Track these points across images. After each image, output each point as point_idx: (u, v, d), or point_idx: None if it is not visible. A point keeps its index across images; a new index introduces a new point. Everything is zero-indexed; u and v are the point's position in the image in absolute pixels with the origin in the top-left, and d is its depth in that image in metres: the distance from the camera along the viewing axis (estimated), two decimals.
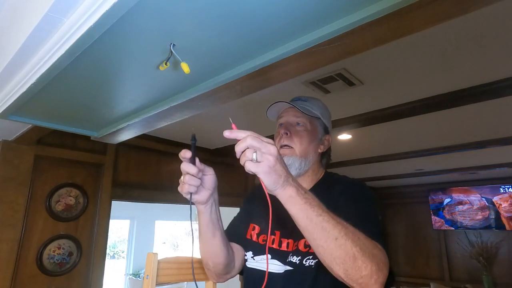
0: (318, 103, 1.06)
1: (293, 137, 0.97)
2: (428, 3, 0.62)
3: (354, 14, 0.68)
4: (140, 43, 0.77)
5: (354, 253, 0.63)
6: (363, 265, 0.63)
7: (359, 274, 0.63)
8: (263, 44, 0.81)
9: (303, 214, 0.64)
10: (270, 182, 0.63)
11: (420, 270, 5.30)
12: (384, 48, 1.33)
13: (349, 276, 0.64)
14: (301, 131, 0.99)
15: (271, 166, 0.62)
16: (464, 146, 2.84)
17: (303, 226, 0.65)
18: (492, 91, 1.73)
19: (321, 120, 1.03)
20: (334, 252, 0.64)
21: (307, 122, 1.00)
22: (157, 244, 7.38)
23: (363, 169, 4.04)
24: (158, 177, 2.78)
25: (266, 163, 0.61)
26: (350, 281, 0.64)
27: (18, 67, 0.91)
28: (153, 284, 1.06)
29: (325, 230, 0.63)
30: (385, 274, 0.65)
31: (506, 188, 4.68)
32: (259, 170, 0.62)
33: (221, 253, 0.91)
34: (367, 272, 0.63)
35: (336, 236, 0.63)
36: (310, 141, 0.98)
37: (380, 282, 0.64)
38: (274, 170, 0.62)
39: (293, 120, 1.00)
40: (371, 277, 0.63)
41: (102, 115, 1.28)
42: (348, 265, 0.63)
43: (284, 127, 0.99)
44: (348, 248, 0.63)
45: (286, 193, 0.64)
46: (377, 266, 0.64)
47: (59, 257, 2.14)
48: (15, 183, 2.05)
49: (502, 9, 1.14)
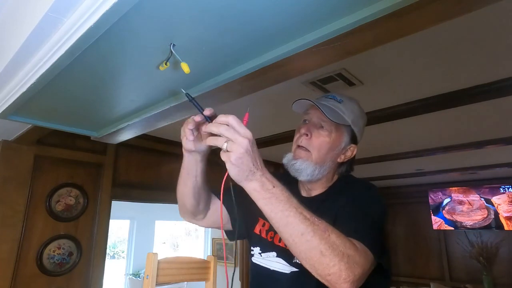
0: (353, 108, 0.94)
1: (313, 141, 0.90)
2: (428, 3, 0.62)
3: (354, 14, 0.68)
4: (140, 43, 0.77)
5: (321, 250, 0.62)
6: (331, 263, 0.62)
7: (327, 272, 0.62)
8: (263, 44, 0.81)
9: (268, 208, 0.66)
10: (234, 173, 0.64)
11: (420, 270, 5.30)
12: (384, 48, 1.33)
13: (317, 272, 0.64)
14: (323, 135, 0.90)
15: (238, 157, 0.63)
16: (464, 146, 2.84)
17: (269, 219, 0.66)
18: (492, 91, 1.73)
19: (350, 128, 0.92)
20: (299, 247, 0.64)
21: (333, 127, 0.91)
22: (157, 244, 7.37)
23: (363, 169, 4.04)
24: (158, 177, 2.78)
25: (235, 154, 0.63)
26: (319, 277, 0.64)
27: (18, 67, 0.91)
28: (153, 284, 1.06)
29: (291, 225, 0.64)
30: (357, 274, 0.63)
31: (506, 188, 4.68)
32: (226, 158, 0.64)
33: (187, 201, 0.93)
34: (335, 270, 0.62)
35: (302, 231, 0.63)
36: (330, 148, 0.91)
37: (350, 281, 0.62)
38: (241, 163, 0.63)
39: (317, 122, 0.92)
40: (340, 276, 0.62)
41: (102, 115, 1.28)
42: (314, 261, 0.63)
43: (306, 127, 0.92)
44: (315, 244, 0.63)
45: (251, 185, 0.66)
46: (347, 265, 0.63)
47: (59, 257, 2.14)
48: (15, 183, 2.05)
49: (502, 9, 1.14)
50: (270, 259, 0.93)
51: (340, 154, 0.93)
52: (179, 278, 1.17)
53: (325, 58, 0.85)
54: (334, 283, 0.62)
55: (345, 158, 0.95)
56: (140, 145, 2.68)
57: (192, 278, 1.24)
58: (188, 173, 0.88)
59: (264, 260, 0.95)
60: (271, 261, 0.92)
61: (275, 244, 0.93)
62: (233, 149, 0.63)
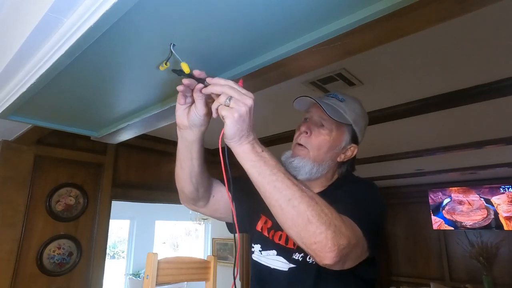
0: (355, 107, 0.94)
1: (312, 139, 0.90)
2: (428, 3, 0.62)
3: (354, 14, 0.68)
4: (140, 43, 0.77)
5: (308, 217, 0.61)
6: (318, 231, 0.60)
7: (313, 240, 0.60)
8: (263, 44, 0.81)
9: (255, 170, 0.65)
10: (232, 131, 0.64)
11: (420, 270, 5.30)
12: (384, 48, 1.33)
13: (303, 240, 0.62)
14: (323, 134, 0.90)
15: (241, 114, 0.63)
16: (464, 146, 2.84)
17: (256, 183, 0.66)
18: (492, 91, 1.73)
19: (351, 127, 0.92)
20: (286, 213, 0.62)
21: (334, 126, 0.90)
22: (157, 244, 7.38)
23: (363, 169, 4.04)
24: (158, 177, 2.78)
25: (237, 110, 0.63)
26: (305, 246, 0.62)
27: (18, 67, 0.91)
28: (153, 284, 1.06)
29: (278, 189, 0.63)
30: (342, 245, 0.61)
31: (506, 188, 4.68)
32: (228, 114, 0.63)
33: (185, 186, 0.91)
34: (321, 238, 0.60)
35: (289, 197, 0.62)
36: (330, 147, 0.90)
37: (335, 251, 0.60)
38: (242, 121, 0.64)
39: (318, 120, 0.92)
40: (326, 245, 0.60)
41: (102, 115, 1.28)
42: (300, 228, 0.61)
43: (306, 125, 0.92)
44: (302, 210, 0.61)
45: (241, 147, 0.66)
46: (334, 235, 0.60)
47: (59, 257, 2.14)
48: (15, 183, 2.05)
49: (502, 9, 1.14)
50: (270, 257, 0.93)
51: (340, 154, 0.93)
52: (179, 278, 1.17)
53: (325, 58, 0.85)
54: (319, 252, 0.61)
55: (345, 157, 0.94)
56: (140, 145, 2.68)
57: (192, 278, 1.24)
58: (184, 154, 0.86)
59: (264, 258, 0.95)
60: (272, 259, 0.92)
61: (275, 242, 0.93)
62: (236, 106, 0.63)
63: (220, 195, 1.00)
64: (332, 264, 0.61)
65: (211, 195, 0.99)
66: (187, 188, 0.92)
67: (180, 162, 0.88)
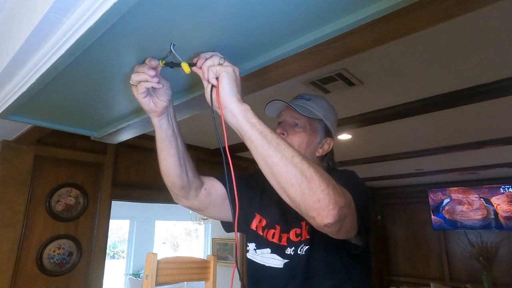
0: (323, 103, 1.01)
1: (290, 138, 0.94)
2: (428, 3, 0.62)
3: (354, 14, 0.68)
4: (140, 43, 0.77)
5: (311, 174, 0.60)
6: (320, 188, 0.59)
7: (317, 197, 0.59)
8: (263, 44, 0.81)
9: (256, 129, 0.65)
10: (229, 86, 0.66)
11: (420, 270, 5.30)
12: (384, 48, 1.33)
13: (306, 199, 0.59)
14: (298, 132, 0.95)
15: (234, 70, 0.67)
16: (464, 146, 2.85)
17: (257, 142, 0.64)
18: (492, 91, 1.73)
19: (323, 122, 0.99)
20: (290, 170, 0.60)
21: (307, 123, 0.96)
22: (157, 244, 7.38)
23: (363, 169, 4.04)
24: (158, 177, 2.73)
25: (231, 66, 0.67)
26: (306, 206, 0.60)
27: (18, 67, 0.91)
28: (153, 284, 1.06)
29: (280, 147, 0.62)
30: (341, 203, 0.60)
31: (505, 188, 4.68)
32: (224, 69, 0.66)
33: (175, 171, 0.90)
34: (324, 195, 0.58)
35: (292, 154, 0.62)
36: (307, 144, 0.95)
37: (337, 209, 0.59)
38: (236, 78, 0.67)
39: (291, 121, 0.98)
40: (329, 202, 0.58)
41: (102, 115, 1.28)
42: (304, 186, 0.59)
43: (281, 127, 0.97)
44: (305, 168, 0.60)
45: (240, 107, 0.67)
46: (334, 191, 0.60)
47: (59, 257, 2.14)
48: (15, 183, 2.05)
49: (503, 9, 1.14)
50: (265, 256, 0.94)
51: (318, 148, 0.98)
52: (179, 278, 1.17)
53: (325, 58, 0.85)
54: (322, 210, 0.59)
55: (323, 151, 0.99)
56: (140, 145, 2.68)
57: (192, 278, 1.24)
58: (169, 140, 0.86)
59: (259, 256, 0.96)
60: (266, 257, 0.93)
61: (269, 240, 0.94)
62: (230, 65, 0.68)
63: (213, 189, 0.99)
64: (332, 223, 0.60)
65: (203, 187, 0.98)
66: (177, 174, 0.90)
67: (165, 152, 0.87)
